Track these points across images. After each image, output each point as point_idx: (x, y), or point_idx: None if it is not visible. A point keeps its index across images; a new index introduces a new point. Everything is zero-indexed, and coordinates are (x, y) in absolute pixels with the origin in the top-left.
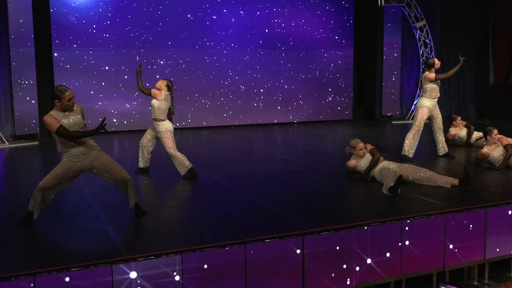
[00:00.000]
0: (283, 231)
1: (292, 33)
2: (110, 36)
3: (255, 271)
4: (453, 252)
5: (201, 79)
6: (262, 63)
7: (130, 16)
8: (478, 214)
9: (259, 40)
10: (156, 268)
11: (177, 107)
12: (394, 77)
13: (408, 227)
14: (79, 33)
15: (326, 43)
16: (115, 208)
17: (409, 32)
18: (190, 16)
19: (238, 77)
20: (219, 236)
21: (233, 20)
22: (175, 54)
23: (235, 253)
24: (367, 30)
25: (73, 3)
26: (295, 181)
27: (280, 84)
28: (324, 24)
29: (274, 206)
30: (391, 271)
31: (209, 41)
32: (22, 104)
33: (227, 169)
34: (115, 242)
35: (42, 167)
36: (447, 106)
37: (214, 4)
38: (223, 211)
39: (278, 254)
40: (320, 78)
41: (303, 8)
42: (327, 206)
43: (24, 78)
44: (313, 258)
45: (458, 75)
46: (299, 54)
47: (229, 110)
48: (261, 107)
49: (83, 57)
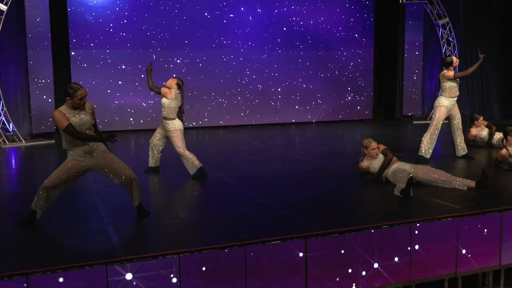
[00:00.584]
0: (287, 234)
1: (311, 32)
2: (126, 35)
3: (255, 274)
4: (466, 258)
5: (218, 78)
6: (280, 62)
7: (147, 15)
8: (493, 218)
9: (276, 38)
10: (153, 269)
11: (194, 106)
12: (415, 76)
13: (417, 231)
14: (96, 32)
15: (346, 41)
16: (120, 207)
17: (431, 30)
18: (207, 15)
19: (255, 76)
20: (220, 237)
21: (251, 19)
22: (192, 53)
23: (234, 256)
24: (388, 28)
25: (90, 2)
26: (306, 182)
27: (298, 83)
28: (344, 22)
29: (280, 208)
30: (400, 277)
31: (226, 40)
32: (39, 103)
33: (238, 169)
34: (113, 242)
35: (54, 165)
36: (470, 106)
37: (232, 2)
38: (227, 212)
39: (279, 257)
40: (339, 77)
41: (322, 6)
42: (336, 208)
43: (41, 77)
44: (316, 262)
45: (481, 74)
46: (317, 53)
47: (246, 109)
48: (278, 106)
49: (100, 56)
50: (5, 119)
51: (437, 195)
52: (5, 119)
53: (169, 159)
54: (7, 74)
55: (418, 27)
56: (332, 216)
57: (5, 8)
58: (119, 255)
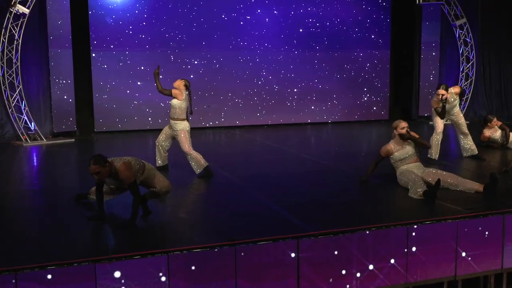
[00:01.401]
0: (282, 234)
1: (327, 33)
2: (145, 37)
3: (246, 275)
4: (466, 261)
5: (235, 78)
6: (296, 63)
7: (165, 17)
8: (495, 221)
9: (293, 40)
10: (141, 268)
11: (211, 106)
12: (432, 76)
13: (415, 233)
14: (116, 34)
15: (362, 42)
16: (117, 205)
17: (448, 30)
18: (224, 17)
19: (271, 77)
20: (212, 237)
21: (267, 20)
22: (209, 54)
23: (224, 255)
24: (405, 28)
25: (110, 5)
26: (312, 183)
27: (314, 84)
28: (360, 23)
29: (281, 208)
30: (396, 279)
31: (243, 41)
32: (60, 102)
33: (247, 169)
34: (107, 239)
35: (74, 163)
36: (488, 106)
37: (248, 5)
38: (227, 212)
39: (271, 257)
40: (355, 78)
41: (338, 7)
42: (338, 209)
43: (62, 77)
44: (309, 263)
45: (499, 75)
46: (333, 54)
47: (262, 110)
48: (294, 107)
49: (120, 57)
50: (27, 118)
51: (440, 197)
52: (27, 118)
53: (180, 158)
54: (30, 74)
55: (435, 28)
56: (332, 217)
57: (28, 11)
58: (109, 253)
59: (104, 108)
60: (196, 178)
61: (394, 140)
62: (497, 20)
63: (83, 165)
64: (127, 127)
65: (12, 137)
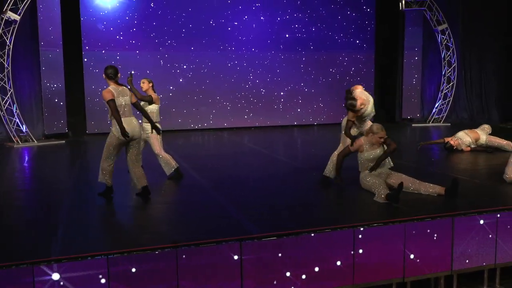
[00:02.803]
0: (231, 236)
1: (313, 38)
2: (136, 42)
3: (188, 277)
4: (415, 263)
5: (223, 82)
6: (283, 67)
7: (155, 23)
8: (444, 223)
9: (279, 45)
10: (81, 270)
11: (199, 109)
12: (414, 80)
13: (361, 235)
14: (107, 39)
15: (347, 47)
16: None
17: (430, 35)
18: (212, 23)
19: (258, 81)
20: (156, 239)
21: (254, 26)
22: (198, 58)
23: (165, 258)
24: (389, 34)
25: (101, 11)
26: (277, 185)
27: (300, 87)
28: (345, 29)
29: (237, 210)
30: (342, 281)
31: (231, 46)
32: (51, 106)
33: (218, 171)
34: (50, 241)
35: (60, 163)
36: (469, 108)
37: (236, 11)
38: (181, 213)
39: (213, 260)
40: (340, 81)
41: (323, 13)
42: (293, 211)
43: (53, 82)
44: (252, 265)
45: (480, 77)
46: (319, 58)
47: (249, 112)
48: (281, 109)
49: (111, 62)
50: (18, 120)
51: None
52: (18, 121)
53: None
54: (21, 79)
55: (418, 33)
56: (286, 220)
57: (18, 18)
58: (48, 255)
59: (95, 111)
60: (166, 179)
61: (367, 139)
62: (477, 26)
63: (69, 165)
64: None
65: (5, 139)
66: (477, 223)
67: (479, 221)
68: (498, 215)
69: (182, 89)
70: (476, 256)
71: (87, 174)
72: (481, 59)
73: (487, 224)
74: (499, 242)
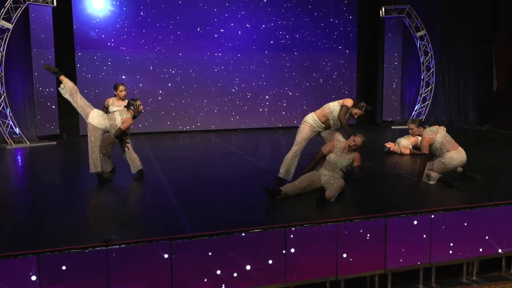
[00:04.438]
0: (166, 235)
1: (296, 44)
2: (126, 48)
3: (118, 275)
4: (348, 262)
5: (210, 86)
6: (267, 72)
7: (144, 30)
8: (376, 224)
9: (264, 51)
10: (11, 268)
11: (187, 111)
12: (394, 84)
13: (293, 235)
14: (99, 46)
15: (330, 53)
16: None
17: (410, 41)
18: (199, 30)
19: (244, 85)
20: (89, 237)
21: (240, 33)
22: (186, 63)
23: (95, 256)
24: (370, 40)
25: (93, 20)
26: (233, 185)
27: (284, 91)
28: (328, 35)
29: (182, 211)
30: (274, 279)
31: (217, 52)
32: (44, 109)
33: (185, 171)
34: None
35: (56, 164)
36: (447, 112)
37: (222, 19)
38: (124, 213)
39: (143, 259)
40: (324, 86)
41: (307, 20)
42: (234, 211)
43: (45, 86)
44: (182, 264)
45: (457, 81)
46: (303, 63)
47: (235, 115)
48: (266, 112)
49: (102, 67)
50: (12, 123)
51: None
52: (12, 123)
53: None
54: (16, 83)
55: (397, 40)
56: (224, 219)
57: (11, 26)
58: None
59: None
60: (132, 180)
61: (340, 145)
62: (454, 31)
63: (56, 165)
64: None
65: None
66: (411, 223)
67: (413, 222)
68: (432, 215)
69: (171, 93)
70: (411, 255)
71: (58, 175)
72: (458, 64)
73: (421, 225)
74: (433, 242)
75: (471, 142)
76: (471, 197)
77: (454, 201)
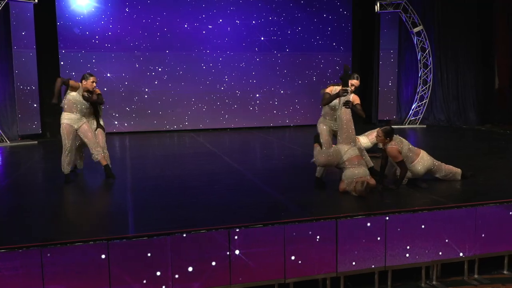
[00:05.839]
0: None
1: (288, 40)
2: (111, 45)
3: (55, 277)
4: (296, 264)
5: (198, 84)
6: (258, 69)
7: (130, 27)
8: (327, 225)
9: (254, 47)
10: None
11: (175, 110)
12: (390, 82)
13: (237, 236)
14: (83, 43)
15: (323, 49)
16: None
17: (407, 37)
18: (187, 26)
19: (233, 83)
20: (28, 237)
21: (229, 29)
22: (173, 61)
23: (30, 256)
24: (365, 36)
25: (77, 16)
26: (195, 185)
27: (276, 89)
28: (321, 31)
29: (140, 211)
30: (218, 280)
31: (205, 49)
32: (25, 108)
33: (157, 171)
34: None
35: (36, 163)
36: (446, 110)
37: (210, 15)
38: (70, 213)
39: (80, 259)
40: (317, 83)
41: (299, 15)
42: (181, 212)
43: (26, 84)
44: (120, 264)
45: (457, 80)
46: (295, 61)
47: (225, 114)
48: (257, 111)
49: (87, 65)
50: None
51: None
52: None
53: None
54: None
55: (393, 35)
56: (170, 219)
57: None
58: None
59: None
60: (102, 179)
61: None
62: (453, 27)
63: (34, 164)
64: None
65: None
66: (364, 225)
67: (366, 224)
68: (386, 217)
69: (157, 91)
70: (364, 258)
71: (29, 174)
72: (457, 61)
73: (375, 227)
74: (388, 244)
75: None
76: (437, 200)
77: (416, 202)
